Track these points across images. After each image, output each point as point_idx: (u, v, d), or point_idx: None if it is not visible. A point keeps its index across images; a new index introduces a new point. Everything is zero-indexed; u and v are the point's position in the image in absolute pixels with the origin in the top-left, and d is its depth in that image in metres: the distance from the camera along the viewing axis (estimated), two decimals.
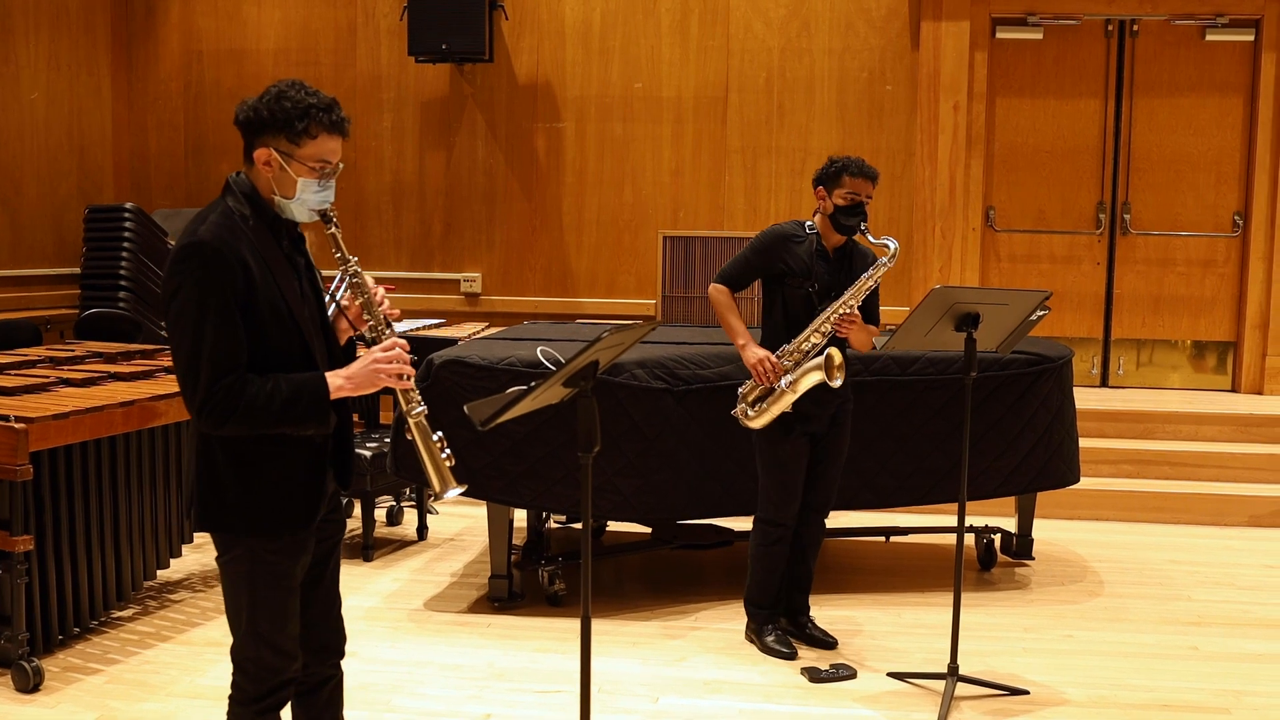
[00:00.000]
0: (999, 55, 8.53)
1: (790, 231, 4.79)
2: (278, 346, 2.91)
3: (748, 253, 4.83)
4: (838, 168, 4.68)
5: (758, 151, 8.69)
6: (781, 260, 4.74)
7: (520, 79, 8.92)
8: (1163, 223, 8.55)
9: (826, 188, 4.72)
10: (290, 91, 2.90)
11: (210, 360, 2.80)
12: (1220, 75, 8.42)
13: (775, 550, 4.86)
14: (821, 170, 4.75)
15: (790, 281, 4.73)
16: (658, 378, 5.25)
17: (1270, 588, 5.89)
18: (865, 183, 4.68)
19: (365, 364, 2.98)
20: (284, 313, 2.92)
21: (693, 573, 5.97)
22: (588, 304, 8.94)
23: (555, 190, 8.97)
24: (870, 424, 5.55)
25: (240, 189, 2.95)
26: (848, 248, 4.82)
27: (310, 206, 2.97)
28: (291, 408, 2.87)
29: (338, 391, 2.94)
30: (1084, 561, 6.27)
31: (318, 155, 2.92)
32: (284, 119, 2.88)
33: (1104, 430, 7.62)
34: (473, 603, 5.46)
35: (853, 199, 4.66)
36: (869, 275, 4.67)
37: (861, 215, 4.68)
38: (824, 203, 4.74)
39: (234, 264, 2.82)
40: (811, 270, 4.73)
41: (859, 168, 4.67)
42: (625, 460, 5.19)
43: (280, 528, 2.98)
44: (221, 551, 3.04)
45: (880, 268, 4.66)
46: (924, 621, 5.28)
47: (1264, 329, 8.38)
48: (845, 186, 4.67)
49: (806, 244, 4.76)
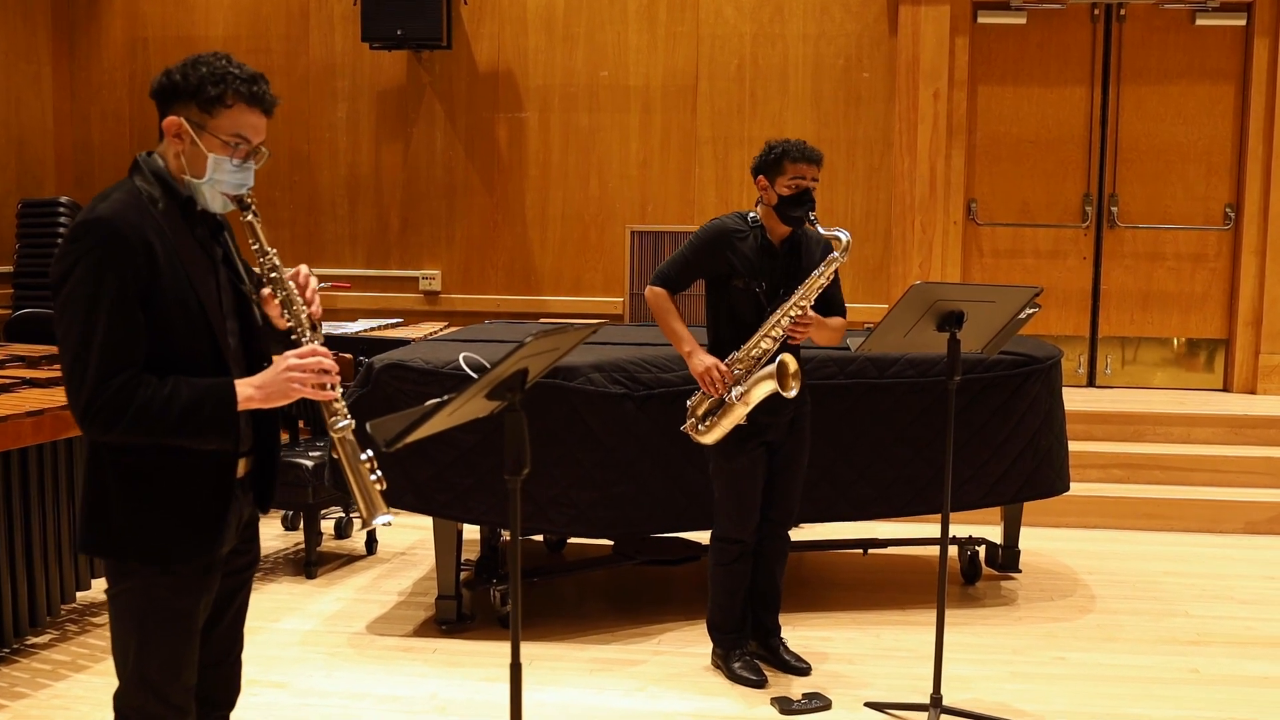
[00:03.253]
0: (981, 41, 8.16)
1: (732, 226, 4.37)
2: (183, 346, 2.55)
3: (687, 251, 4.41)
4: (778, 153, 4.27)
5: (729, 142, 8.30)
6: (725, 259, 4.33)
7: (481, 67, 8.52)
8: (1151, 215, 8.20)
9: (768, 176, 4.31)
10: (209, 58, 2.57)
11: (101, 353, 2.44)
12: (1211, 61, 8.07)
13: (735, 570, 4.47)
14: (760, 157, 4.34)
15: (736, 281, 4.33)
16: (616, 382, 4.86)
17: (1272, 601, 5.54)
18: (810, 167, 4.28)
19: (279, 371, 2.60)
20: (193, 308, 2.55)
21: (658, 590, 5.58)
22: (553, 302, 8.54)
23: (518, 183, 8.56)
24: (846, 430, 5.17)
25: (150, 167, 2.60)
26: (795, 239, 4.42)
27: (224, 190, 2.61)
28: (191, 416, 2.50)
29: (246, 402, 2.57)
30: (1073, 574, 5.91)
31: (233, 129, 2.57)
32: (197, 84, 2.54)
33: (1092, 433, 7.27)
34: (419, 625, 5.06)
35: (798, 186, 4.27)
36: (819, 273, 4.27)
37: (810, 203, 4.28)
38: (766, 193, 4.33)
39: (136, 246, 2.47)
40: (758, 268, 4.33)
41: (801, 151, 4.27)
42: (582, 471, 4.79)
43: (176, 558, 2.60)
44: (110, 582, 2.67)
45: (831, 263, 4.26)
46: (904, 644, 4.90)
47: (1257, 326, 8.04)
48: (788, 173, 4.27)
49: (751, 239, 4.35)
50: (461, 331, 6.57)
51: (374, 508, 2.57)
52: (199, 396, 2.51)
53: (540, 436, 4.72)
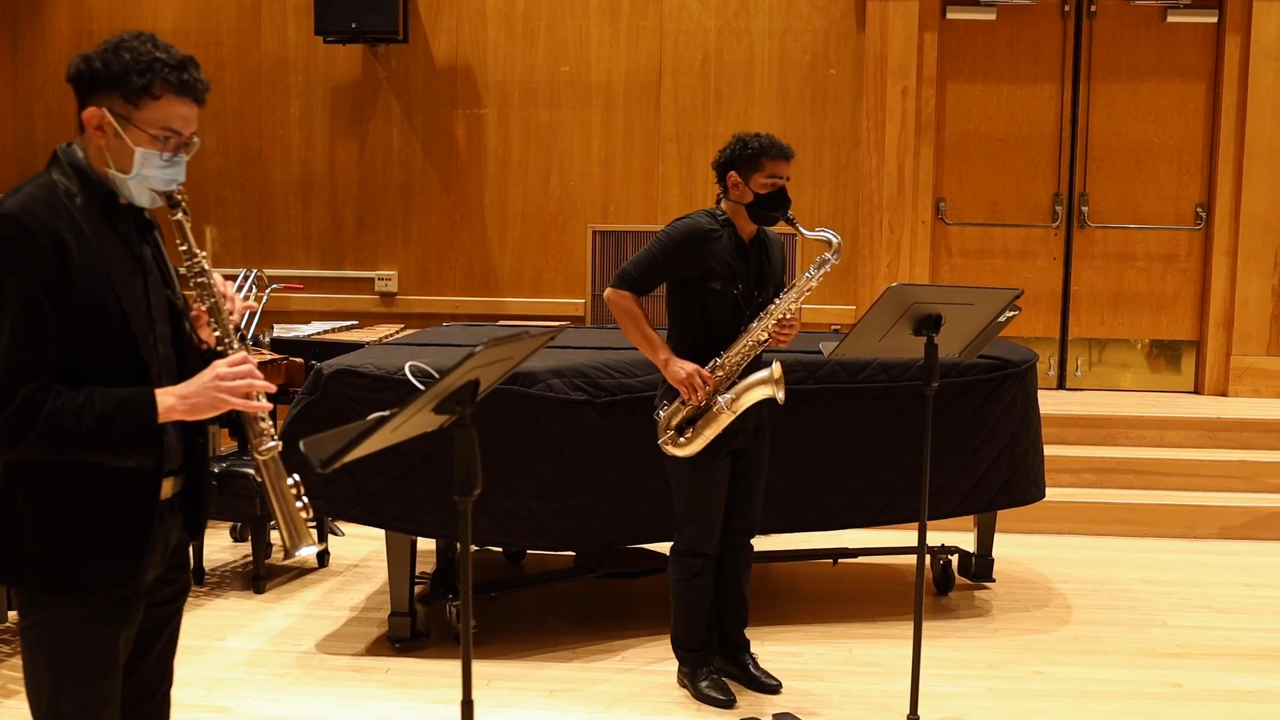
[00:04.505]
0: (949, 37, 8.00)
1: (706, 226, 4.14)
2: (101, 353, 2.32)
3: (657, 252, 4.16)
4: (754, 149, 4.06)
5: (693, 139, 8.10)
6: (699, 260, 4.11)
7: (438, 62, 8.28)
8: (1122, 215, 8.07)
9: (742, 173, 4.09)
10: (132, 42, 2.32)
11: (6, 361, 2.22)
12: (1182, 59, 7.95)
13: (698, 584, 4.27)
14: (732, 152, 4.12)
15: (713, 283, 4.12)
16: (577, 388, 4.65)
17: (1251, 610, 5.40)
18: (785, 164, 4.09)
19: (205, 381, 2.37)
20: (113, 311, 2.32)
21: (622, 604, 5.38)
22: (512, 304, 8.32)
23: (477, 182, 8.33)
24: (816, 437, 4.99)
25: (68, 160, 2.37)
26: (760, 237, 4.23)
27: (152, 186, 2.38)
28: (106, 429, 2.27)
29: (168, 413, 2.34)
30: (1048, 582, 5.76)
31: (161, 121, 2.34)
32: (120, 73, 2.30)
33: (1063, 436, 7.12)
34: (371, 642, 4.83)
35: (775, 184, 4.07)
36: (811, 275, 4.08)
37: (788, 202, 4.09)
38: (738, 189, 4.12)
39: (47, 245, 2.24)
40: (734, 269, 4.13)
41: (778, 148, 4.07)
42: (541, 481, 4.58)
43: (93, 588, 2.37)
44: (21, 614, 2.44)
45: (824, 264, 4.08)
46: (877, 658, 4.72)
47: (1228, 327, 7.92)
48: (766, 170, 4.07)
49: (724, 238, 4.14)
50: (418, 334, 6.35)
51: (298, 537, 2.36)
52: (115, 408, 2.29)
53: (498, 446, 4.52)
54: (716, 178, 4.18)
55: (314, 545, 2.43)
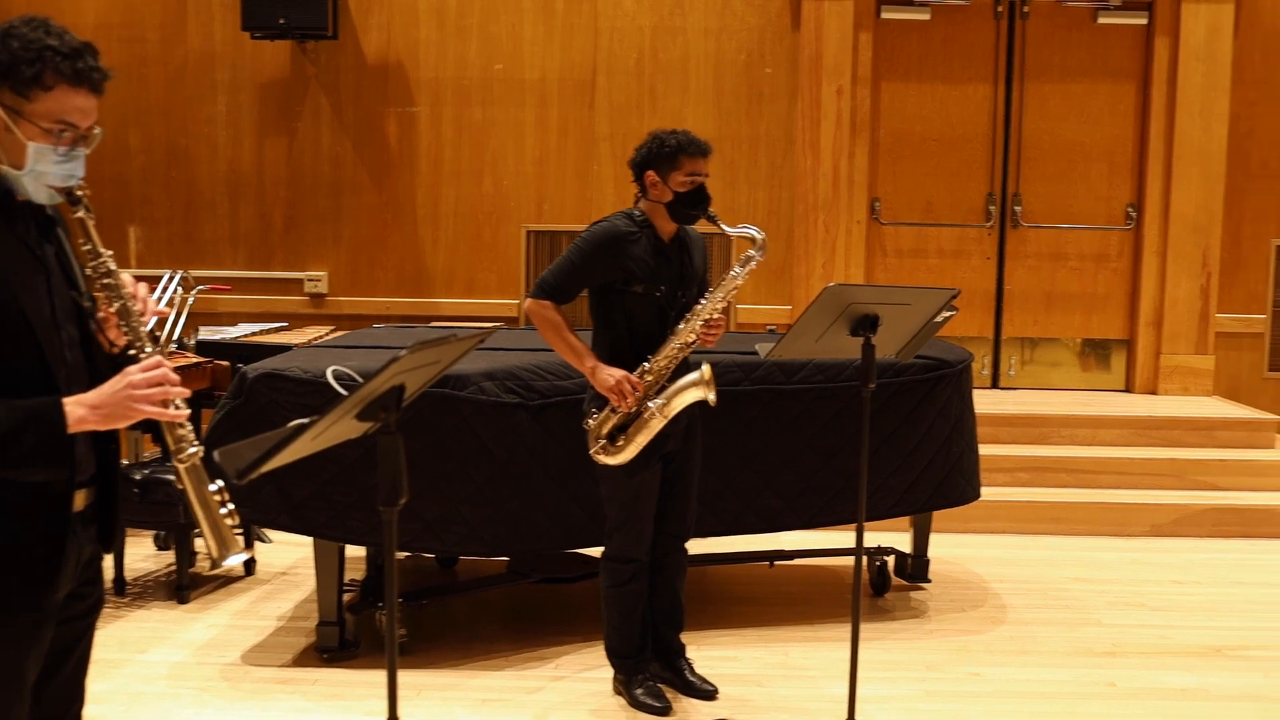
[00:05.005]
0: (884, 36, 8.00)
1: (624, 229, 4.06)
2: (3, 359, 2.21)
3: (575, 258, 4.07)
4: (673, 147, 3.99)
5: (628, 138, 7.94)
6: (619, 264, 4.03)
7: (369, 59, 8.15)
8: (1054, 215, 8.11)
9: (660, 171, 4.02)
10: (22, 29, 2.20)
11: None
12: (1113, 60, 8.01)
13: (631, 591, 4.20)
14: (649, 150, 4.04)
15: (635, 287, 4.04)
16: (510, 391, 4.56)
17: (1183, 608, 5.43)
18: (704, 161, 4.02)
19: (118, 388, 2.25)
20: (13, 315, 2.21)
21: (556, 609, 5.29)
22: (445, 305, 8.20)
23: (408, 181, 8.21)
24: (752, 439, 4.94)
25: None
26: (681, 236, 4.16)
27: (49, 183, 2.25)
28: (12, 444, 2.16)
29: (79, 424, 2.22)
30: (984, 582, 5.76)
31: (55, 114, 2.22)
32: (8, 63, 2.19)
33: (998, 436, 7.14)
34: (299, 653, 4.71)
35: (694, 181, 4.01)
36: (737, 274, 4.03)
37: (708, 199, 4.03)
38: (657, 188, 4.05)
39: None
40: (655, 271, 4.06)
41: (696, 145, 4.01)
42: (473, 486, 4.49)
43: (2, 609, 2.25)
44: None
45: (750, 261, 4.02)
46: (814, 661, 4.68)
47: (1158, 326, 8.00)
48: (685, 169, 4.00)
49: (643, 240, 4.07)
50: (348, 336, 6.23)
51: (225, 546, 2.26)
52: (21, 421, 2.17)
53: (428, 450, 4.42)
54: (634, 177, 4.11)
55: (242, 553, 2.33)
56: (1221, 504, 6.72)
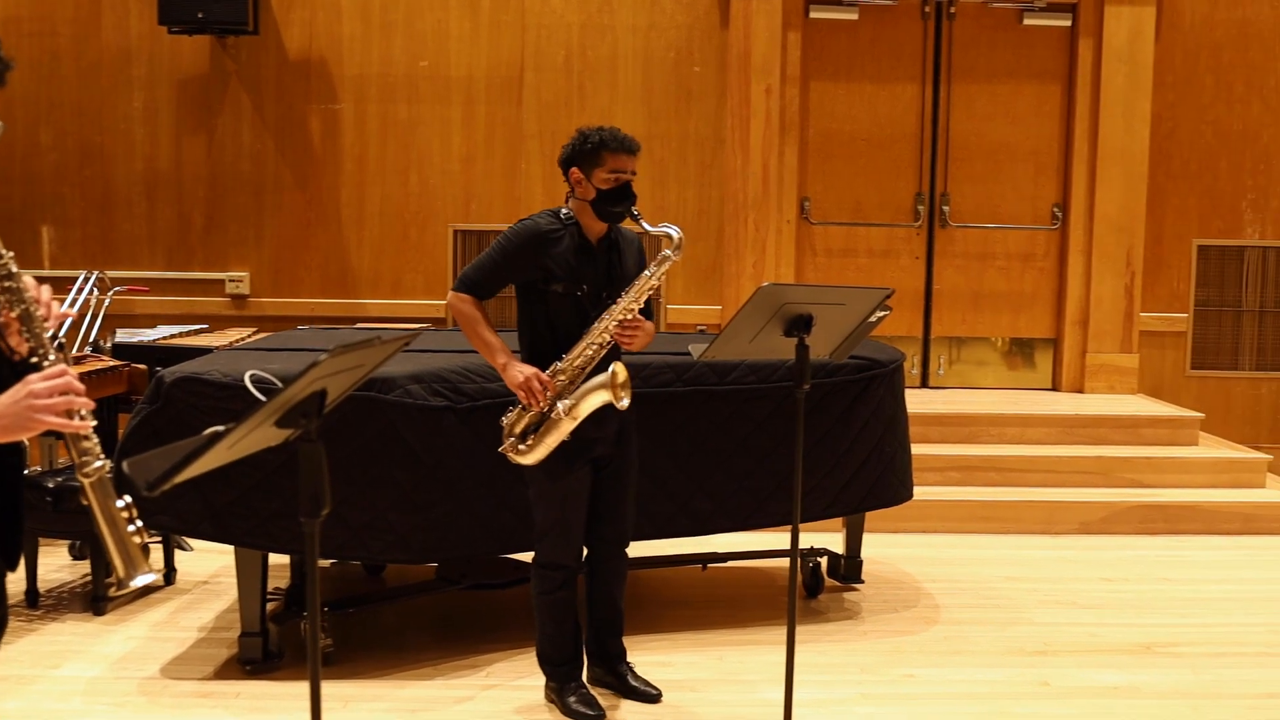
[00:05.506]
0: (813, 36, 7.99)
1: (546, 226, 4.00)
2: None
3: (496, 255, 4.01)
4: (595, 143, 3.93)
5: (557, 136, 7.92)
6: (540, 263, 3.96)
7: (291, 54, 7.98)
8: (982, 215, 8.16)
9: (583, 168, 3.96)
10: None
11: None
12: (1038, 61, 8.07)
13: (561, 598, 4.11)
14: (573, 148, 3.98)
15: (555, 286, 3.97)
16: (437, 393, 4.46)
17: (1113, 605, 5.46)
18: (629, 158, 3.96)
19: (18, 398, 2.12)
20: None
21: (487, 616, 5.19)
22: (371, 305, 8.06)
23: (332, 179, 8.05)
24: (684, 441, 4.88)
25: None
26: (612, 236, 4.10)
27: None
28: None
29: None
30: (916, 582, 5.75)
31: None
32: None
33: (927, 435, 7.15)
34: (221, 665, 4.57)
35: (618, 179, 3.94)
36: (651, 273, 3.96)
37: (632, 197, 3.96)
38: (581, 186, 3.98)
39: None
40: (577, 270, 3.99)
41: (619, 140, 3.94)
42: (399, 492, 4.38)
43: None
44: None
45: (665, 261, 3.95)
46: (749, 666, 4.63)
47: (1084, 325, 8.07)
48: (607, 165, 3.93)
49: (567, 239, 4.00)
50: (270, 338, 6.07)
51: (132, 565, 2.14)
52: None
53: (354, 456, 4.31)
54: (563, 174, 4.05)
55: (150, 574, 2.22)
56: (1147, 501, 6.79)
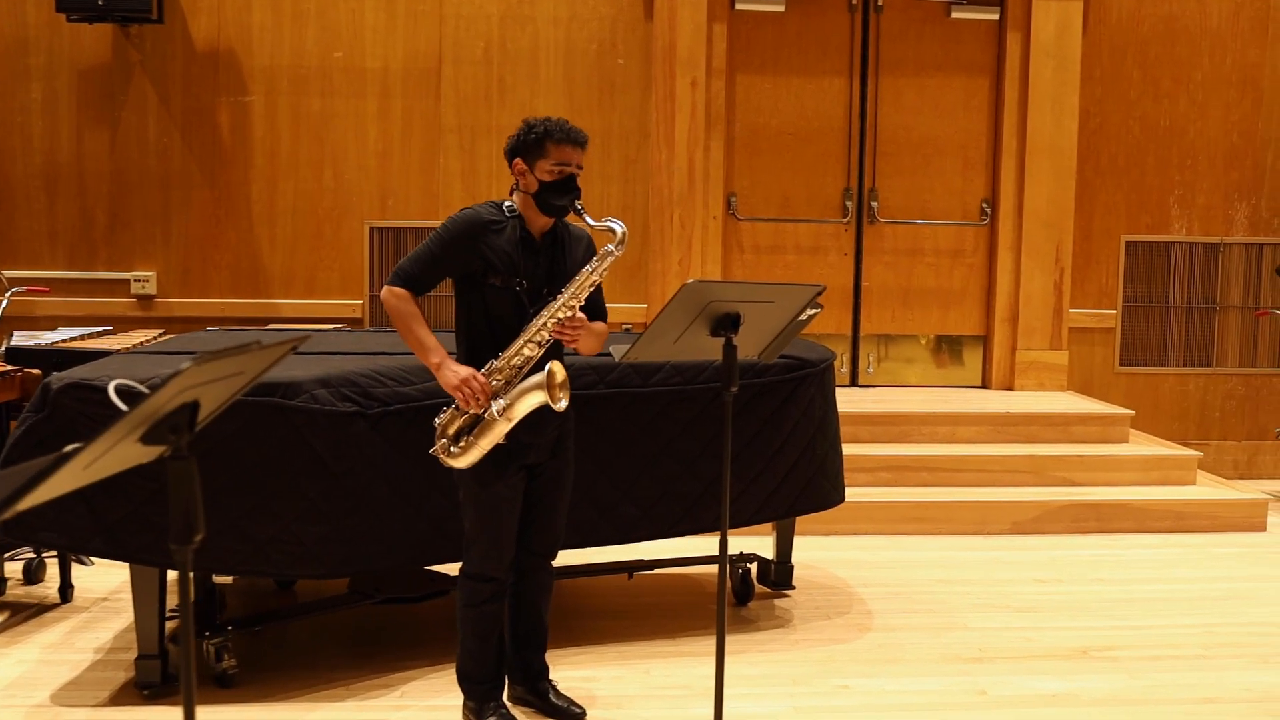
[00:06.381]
0: (739, 28, 7.82)
1: (487, 217, 3.81)
2: None
3: (434, 245, 3.81)
4: (539, 134, 3.75)
5: (476, 131, 7.71)
6: (479, 253, 3.77)
7: (198, 45, 7.66)
8: (911, 210, 8.05)
9: (526, 159, 3.78)
10: None
11: None
12: (966, 55, 7.97)
13: (487, 611, 3.91)
14: (517, 138, 3.81)
15: (493, 280, 3.78)
16: (346, 398, 4.21)
17: (1047, 608, 5.35)
18: (575, 150, 3.77)
19: None
20: None
21: (403, 632, 4.96)
22: (284, 305, 7.76)
23: (243, 175, 7.75)
24: (607, 445, 4.67)
25: None
26: (557, 231, 3.91)
27: None
28: None
29: None
30: (848, 587, 5.60)
31: None
32: None
33: (858, 435, 7.01)
34: (117, 689, 4.29)
35: (562, 171, 3.76)
36: (592, 269, 3.78)
37: (575, 191, 3.78)
38: (524, 178, 3.80)
39: None
40: (517, 263, 3.79)
41: (565, 132, 3.76)
42: (306, 503, 4.13)
43: None
44: None
45: (607, 257, 3.76)
46: (677, 679, 4.44)
47: (1013, 322, 7.99)
48: (551, 156, 3.75)
49: (508, 230, 3.81)
50: (174, 340, 5.79)
51: None
52: None
53: (257, 465, 4.07)
54: (508, 165, 3.86)
55: None
56: (1079, 500, 6.71)
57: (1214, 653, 4.84)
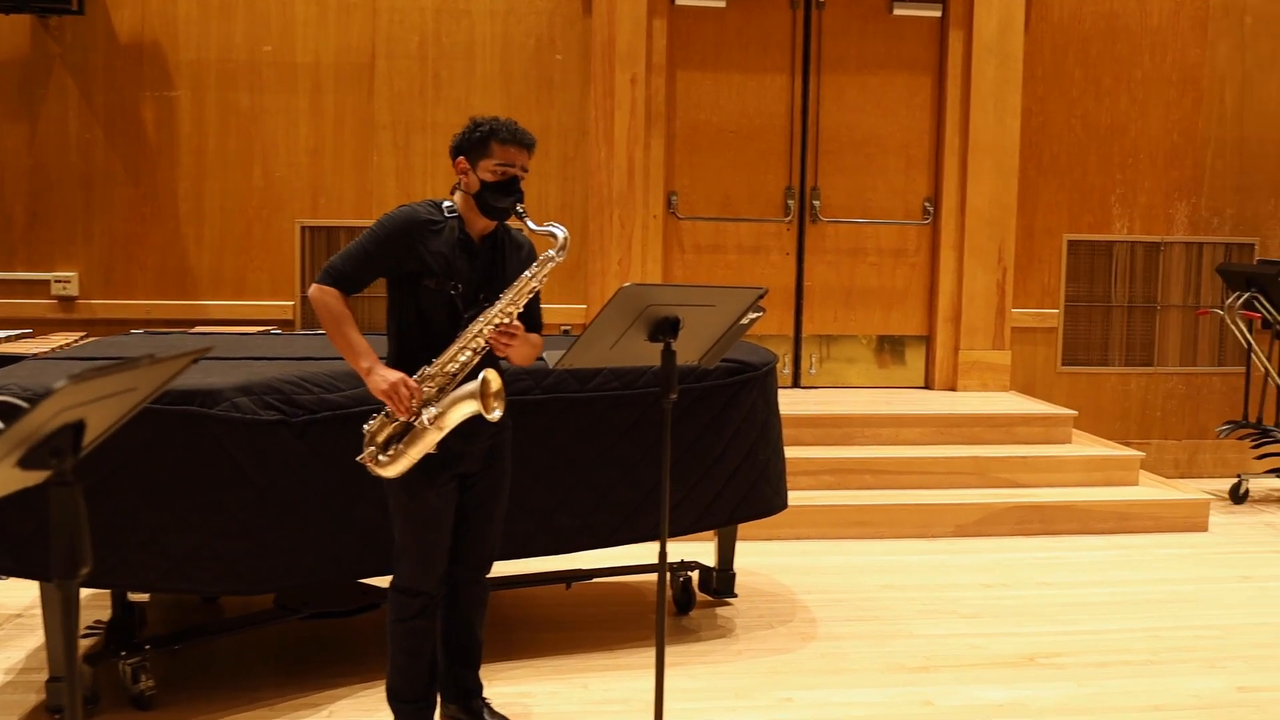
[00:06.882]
0: (679, 24, 7.69)
1: (424, 215, 3.67)
2: None
3: (367, 243, 3.66)
4: (484, 132, 3.61)
5: (410, 127, 7.52)
6: (414, 253, 3.62)
7: (122, 37, 7.40)
8: (853, 209, 7.96)
9: (470, 158, 3.64)
10: None
11: None
12: (908, 52, 7.90)
13: (417, 627, 3.75)
14: (462, 136, 3.66)
15: (427, 281, 3.63)
16: (269, 406, 4.03)
17: (992, 613, 5.27)
18: (520, 152, 3.63)
19: None
20: None
21: (332, 647, 4.77)
22: (213, 307, 7.52)
23: (169, 172, 7.50)
24: (543, 452, 4.52)
25: None
26: (498, 235, 3.76)
27: None
28: None
29: None
30: (791, 594, 5.49)
31: None
32: None
33: (801, 437, 6.92)
34: (28, 713, 4.09)
35: (505, 172, 3.61)
36: (531, 274, 3.63)
37: (517, 194, 3.63)
38: (467, 177, 3.66)
39: None
40: (453, 266, 3.65)
41: (511, 132, 3.61)
42: (227, 516, 3.95)
43: None
44: None
45: (547, 263, 3.62)
46: (615, 694, 4.31)
47: (956, 322, 7.93)
48: (495, 156, 3.60)
49: (446, 231, 3.66)
50: (94, 344, 5.57)
51: None
52: None
53: (173, 477, 3.88)
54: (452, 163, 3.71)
55: None
56: (1023, 502, 6.65)
57: (1161, 658, 4.78)
